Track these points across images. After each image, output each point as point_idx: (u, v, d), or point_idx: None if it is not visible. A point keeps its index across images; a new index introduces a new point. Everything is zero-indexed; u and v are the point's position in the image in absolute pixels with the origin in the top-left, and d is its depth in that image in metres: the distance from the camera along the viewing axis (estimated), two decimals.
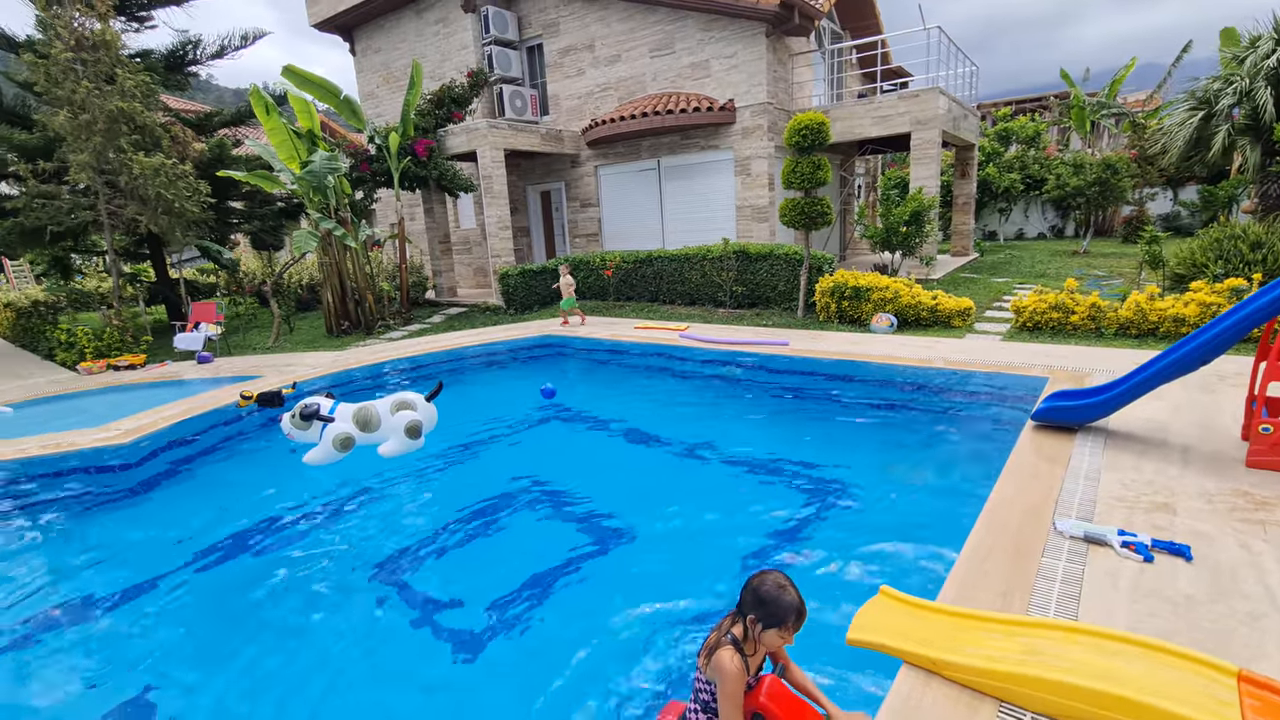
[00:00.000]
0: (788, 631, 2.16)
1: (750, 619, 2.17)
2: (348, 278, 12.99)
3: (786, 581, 2.19)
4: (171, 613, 4.05)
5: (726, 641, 2.17)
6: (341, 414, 4.35)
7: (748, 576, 2.25)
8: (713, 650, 2.18)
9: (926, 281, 11.67)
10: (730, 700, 2.12)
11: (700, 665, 2.26)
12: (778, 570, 2.25)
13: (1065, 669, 2.11)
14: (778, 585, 2.17)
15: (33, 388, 9.69)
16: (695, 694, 2.31)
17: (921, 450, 5.93)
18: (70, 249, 14.57)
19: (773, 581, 2.18)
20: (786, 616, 2.13)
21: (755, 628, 2.16)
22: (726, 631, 2.21)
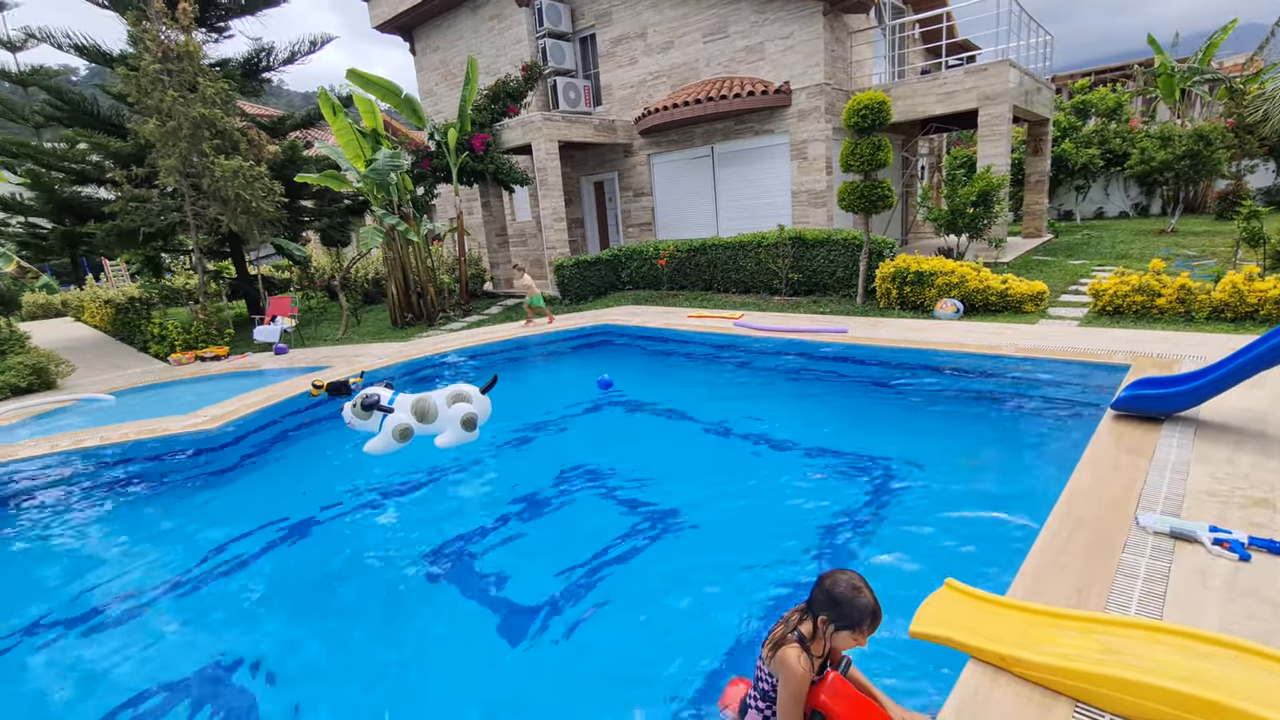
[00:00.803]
0: (862, 635, 2.11)
1: (822, 619, 2.12)
2: (410, 271, 13.44)
3: (862, 583, 2.13)
4: (253, 585, 4.32)
5: (793, 639, 2.13)
6: (400, 405, 4.47)
7: (818, 572, 2.22)
8: (778, 645, 2.14)
9: (996, 265, 11.14)
10: (793, 698, 2.08)
11: (764, 656, 2.23)
12: (852, 570, 2.18)
13: (1149, 669, 2.00)
14: (852, 586, 2.10)
15: (131, 377, 10.47)
16: (756, 681, 2.31)
17: (989, 440, 5.69)
18: (160, 249, 15.60)
19: (847, 582, 2.11)
20: (861, 620, 2.07)
21: (827, 628, 2.11)
22: (794, 628, 2.17)
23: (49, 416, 8.37)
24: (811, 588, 2.21)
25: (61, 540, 5.28)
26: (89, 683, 3.46)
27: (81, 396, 8.96)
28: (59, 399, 8.91)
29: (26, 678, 3.55)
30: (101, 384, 10.07)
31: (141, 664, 3.58)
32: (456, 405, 4.54)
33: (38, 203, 14.31)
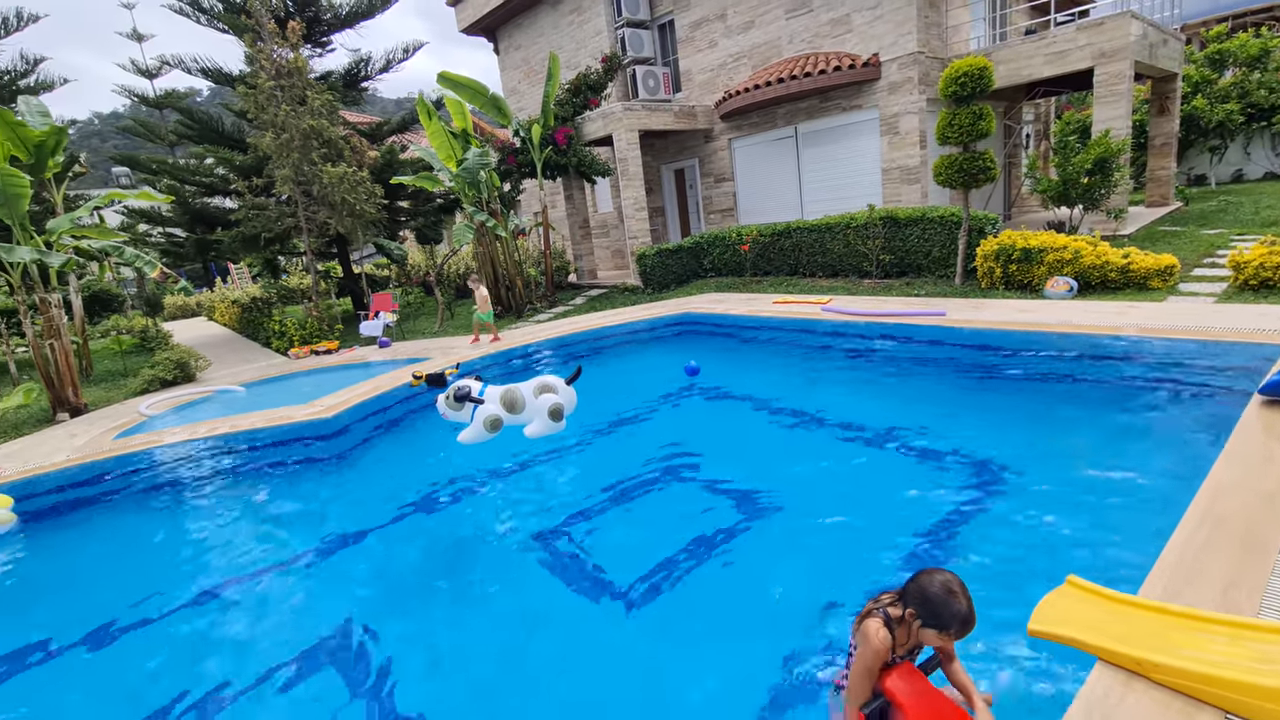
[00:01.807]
0: (948, 637, 2.07)
1: (909, 611, 2.11)
2: (499, 265, 13.93)
3: (959, 586, 2.07)
4: (364, 561, 4.67)
5: (878, 614, 2.15)
6: (490, 396, 4.58)
7: (915, 565, 2.18)
8: (865, 617, 2.19)
9: (1115, 238, 10.19)
10: (864, 669, 2.11)
11: (854, 630, 2.28)
12: (952, 573, 2.13)
13: None
14: (947, 589, 2.06)
15: (257, 370, 11.50)
16: (848, 658, 2.35)
17: (1111, 430, 5.24)
18: (277, 252, 16.97)
19: (942, 583, 2.07)
20: (949, 624, 2.04)
21: (913, 621, 2.10)
22: (883, 607, 2.19)
23: (190, 406, 9.33)
24: (909, 578, 2.19)
25: (202, 517, 5.89)
26: (218, 647, 3.86)
27: (217, 388, 9.93)
28: (199, 390, 9.92)
29: (169, 642, 4.00)
30: (233, 376, 11.11)
31: (271, 631, 3.95)
32: (543, 396, 4.61)
33: (175, 214, 15.93)
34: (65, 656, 3.92)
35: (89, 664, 3.84)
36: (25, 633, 4.21)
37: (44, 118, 10.22)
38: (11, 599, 4.86)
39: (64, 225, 9.32)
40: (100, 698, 3.54)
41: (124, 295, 21.91)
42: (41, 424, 9.00)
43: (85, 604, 4.51)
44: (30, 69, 13.25)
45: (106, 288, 19.92)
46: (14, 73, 13.09)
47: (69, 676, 3.75)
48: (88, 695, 3.57)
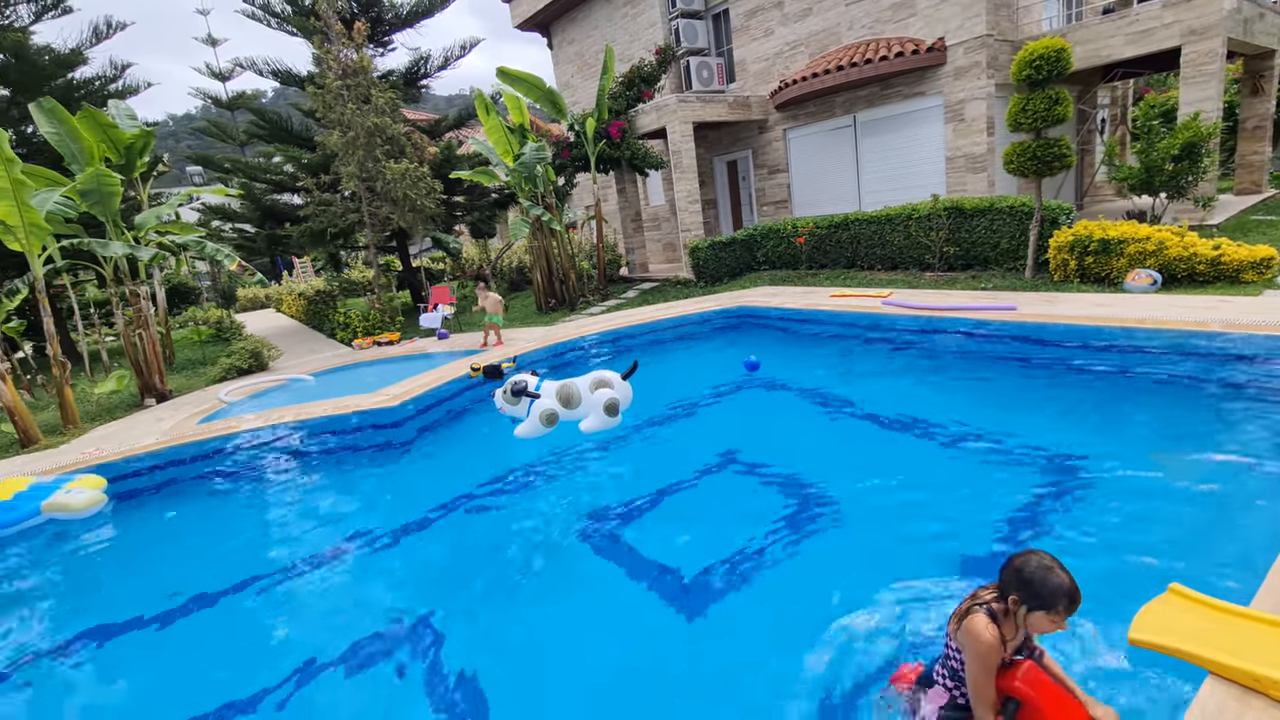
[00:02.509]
0: (1059, 617, 1.99)
1: (1012, 599, 2.04)
2: (553, 259, 14.10)
3: (1054, 562, 2.02)
4: (428, 547, 4.82)
5: (980, 609, 2.08)
6: (546, 390, 4.60)
7: (993, 567, 2.12)
8: (964, 616, 2.10)
9: (1202, 228, 9.58)
10: (983, 668, 2.02)
11: (950, 631, 2.20)
12: (1044, 551, 2.06)
13: None
14: (1043, 566, 2.01)
15: (324, 360, 11.98)
16: (945, 660, 2.26)
17: (1204, 432, 4.94)
18: (341, 246, 17.63)
19: (1037, 561, 2.02)
20: (1056, 600, 1.97)
21: (1019, 609, 2.02)
22: (982, 602, 2.11)
23: (265, 394, 9.80)
24: (1003, 567, 2.13)
25: (276, 499, 6.19)
26: (285, 625, 4.04)
27: (289, 377, 10.40)
28: (272, 379, 10.41)
29: (241, 618, 4.21)
30: (302, 366, 11.61)
31: (335, 612, 4.10)
32: (599, 391, 4.60)
33: (246, 210, 16.72)
34: (146, 630, 4.17)
35: (168, 636, 4.06)
36: (119, 603, 4.52)
37: (132, 121, 10.87)
38: (107, 572, 5.22)
39: (150, 221, 9.90)
40: (178, 669, 3.74)
41: (199, 288, 23.19)
42: (131, 408, 9.61)
43: (170, 578, 4.77)
44: (118, 74, 14.09)
45: (184, 281, 21.11)
46: (104, 78, 13.95)
47: (149, 648, 3.98)
48: (164, 668, 3.78)
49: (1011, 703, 2.06)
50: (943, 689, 2.25)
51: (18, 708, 3.48)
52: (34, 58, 12.40)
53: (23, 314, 12.76)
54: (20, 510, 5.69)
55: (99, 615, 4.41)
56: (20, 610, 4.58)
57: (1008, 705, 2.05)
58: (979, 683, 2.04)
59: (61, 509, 5.74)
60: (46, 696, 3.57)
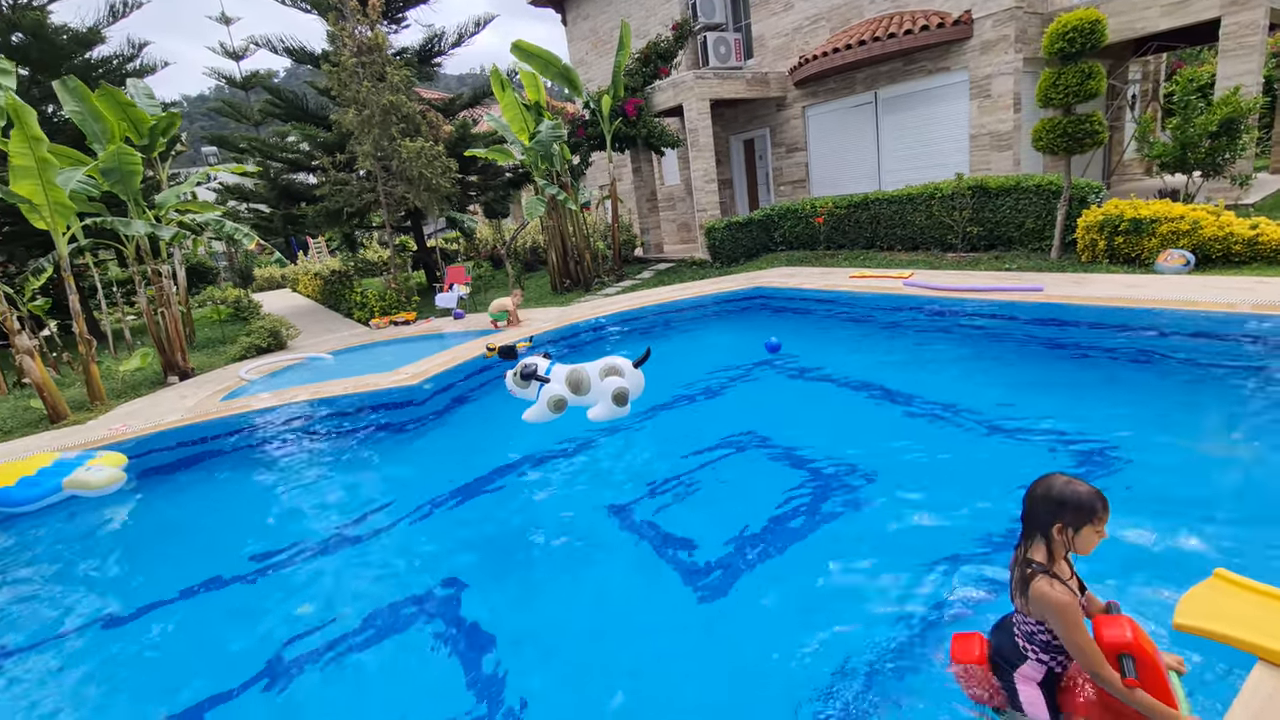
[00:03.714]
0: (1100, 524, 2.01)
1: (1056, 528, 2.03)
2: (568, 239, 14.01)
3: (1069, 477, 2.05)
4: (445, 525, 4.84)
5: (1033, 572, 2.05)
6: (556, 375, 4.38)
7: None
8: (1025, 585, 2.06)
9: (1237, 207, 9.30)
10: (1074, 627, 1.97)
11: (1020, 609, 2.14)
12: (1052, 473, 2.10)
13: None
14: (1066, 483, 2.03)
15: (341, 340, 12.05)
16: (1028, 636, 2.18)
17: (1238, 415, 4.83)
18: (356, 226, 17.63)
19: (1058, 481, 2.05)
20: (1094, 505, 1.98)
21: (1066, 534, 2.02)
22: (1028, 564, 2.09)
23: (285, 372, 9.88)
24: (1025, 510, 2.13)
25: (297, 476, 6.23)
26: (304, 599, 4.08)
27: (308, 355, 10.47)
28: (291, 358, 10.48)
29: (262, 592, 4.26)
30: (320, 345, 11.69)
31: (353, 587, 4.14)
32: (609, 379, 4.35)
33: (262, 190, 16.75)
34: (174, 604, 4.24)
35: (194, 609, 4.13)
36: (147, 576, 4.60)
37: (150, 100, 10.87)
38: (134, 546, 5.31)
39: (171, 200, 9.94)
40: (199, 643, 3.79)
41: (216, 268, 23.37)
42: (155, 386, 9.73)
43: (196, 553, 4.85)
44: (136, 53, 14.08)
45: (202, 261, 21.27)
46: (122, 56, 13.94)
47: (174, 622, 4.04)
48: (186, 642, 3.83)
49: (1128, 660, 1.96)
50: (1036, 663, 2.17)
51: (34, 685, 3.54)
52: (52, 36, 12.40)
53: (46, 293, 12.92)
54: (43, 486, 5.77)
55: (123, 589, 4.49)
56: (44, 585, 4.67)
57: (1124, 663, 1.95)
58: (1079, 643, 1.97)
59: (82, 486, 5.81)
60: (66, 672, 3.63)
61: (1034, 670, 2.17)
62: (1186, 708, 2.03)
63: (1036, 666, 2.17)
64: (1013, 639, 2.24)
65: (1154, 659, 2.01)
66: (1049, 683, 2.16)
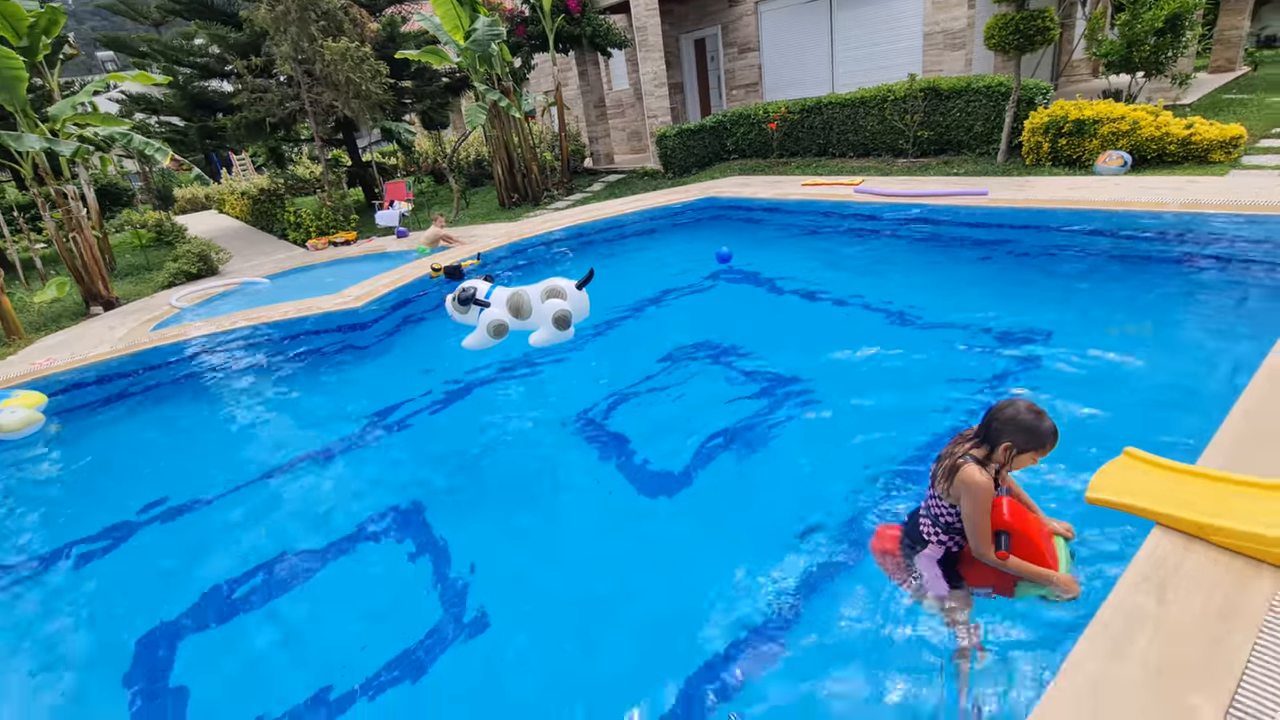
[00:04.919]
0: (1042, 455, 2.21)
1: (1005, 446, 2.19)
2: (513, 150, 13.36)
3: (1040, 408, 2.21)
4: (398, 449, 4.84)
5: (966, 460, 2.24)
6: (497, 299, 4.18)
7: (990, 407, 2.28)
8: (953, 471, 2.25)
9: (1176, 107, 9.47)
10: (982, 509, 2.21)
11: (939, 490, 2.34)
12: (1022, 399, 2.24)
13: None
14: (1034, 411, 2.19)
15: (278, 263, 11.45)
16: (933, 518, 2.41)
17: (1162, 310, 5.11)
18: (282, 139, 16.36)
19: (1027, 408, 2.20)
20: (1046, 440, 2.17)
21: (1010, 452, 2.19)
22: (963, 455, 2.26)
23: (220, 298, 9.40)
24: (986, 419, 2.28)
25: (242, 405, 6.06)
26: (254, 532, 4.06)
27: (243, 280, 9.95)
28: (225, 283, 9.94)
29: (210, 527, 4.22)
30: (255, 269, 11.09)
31: (304, 516, 4.13)
32: (550, 301, 4.14)
33: (172, 99, 15.24)
34: (123, 539, 4.18)
35: (132, 550, 4.05)
36: (84, 517, 4.48)
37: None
38: (68, 486, 5.14)
39: (66, 111, 8.96)
40: (146, 582, 3.74)
41: (131, 189, 21.53)
42: (78, 317, 9.15)
43: (130, 491, 4.67)
44: None
45: (113, 181, 19.53)
46: None
47: (114, 563, 3.98)
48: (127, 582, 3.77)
49: (1004, 536, 2.28)
50: (937, 544, 2.41)
51: None
52: None
53: None
54: None
55: (68, 528, 4.39)
56: None
57: (1000, 538, 2.27)
58: (979, 524, 2.22)
59: None
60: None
61: (934, 551, 2.42)
62: (1066, 566, 2.33)
63: (936, 549, 2.41)
64: (918, 527, 2.47)
65: (1033, 532, 2.28)
66: (946, 561, 2.42)
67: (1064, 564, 2.32)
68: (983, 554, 2.27)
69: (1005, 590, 2.38)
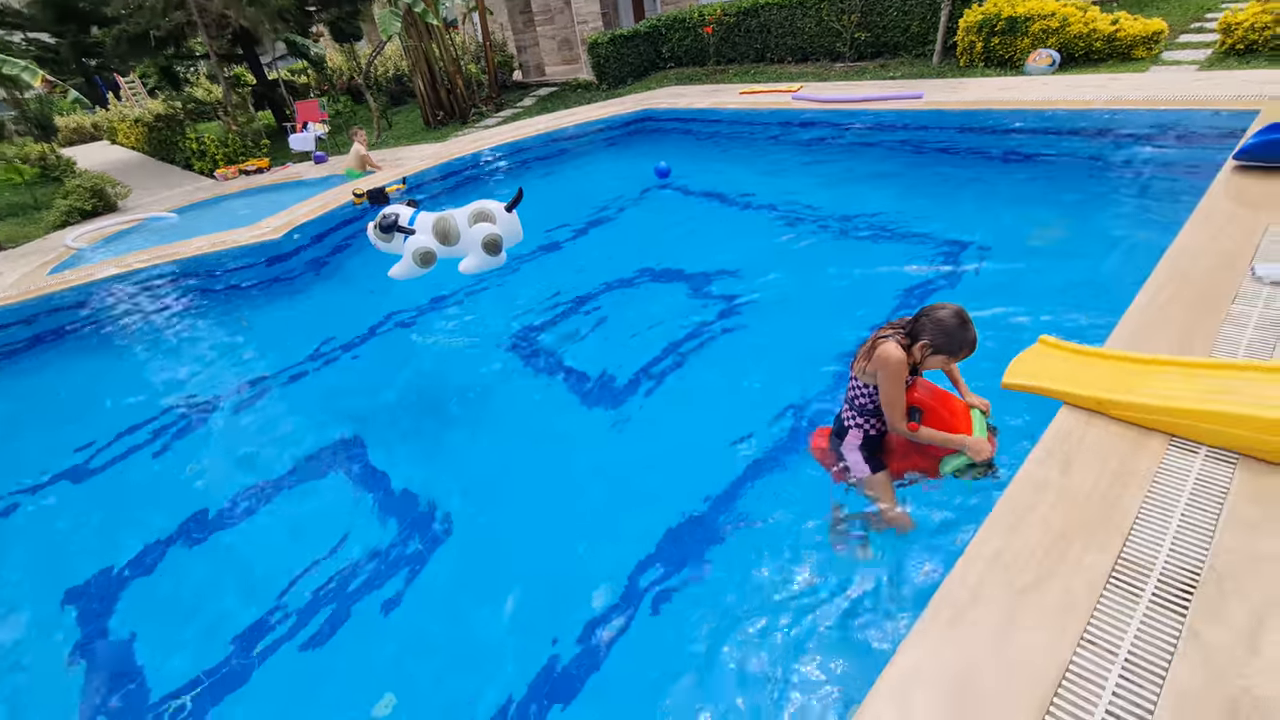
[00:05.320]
0: (953, 360, 2.27)
1: (923, 344, 2.24)
2: (434, 63, 12.43)
3: (968, 316, 2.24)
4: (333, 381, 4.70)
5: (890, 338, 2.29)
6: (421, 224, 3.95)
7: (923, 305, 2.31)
8: (872, 348, 2.32)
9: (1104, 3, 9.49)
10: (896, 383, 2.29)
11: (857, 371, 2.42)
12: (956, 304, 2.26)
13: (1255, 405, 1.99)
14: (959, 318, 2.22)
15: (184, 195, 10.56)
16: (850, 401, 2.52)
17: (1083, 206, 5.29)
18: (173, 56, 14.72)
19: (954, 313, 2.22)
20: (959, 348, 2.22)
21: (925, 350, 2.24)
22: (886, 336, 2.32)
23: (121, 236, 8.66)
24: (917, 314, 2.32)
25: (158, 348, 5.71)
26: (185, 477, 3.93)
27: (147, 215, 9.15)
28: (125, 219, 9.14)
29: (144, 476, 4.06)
30: (159, 203, 10.21)
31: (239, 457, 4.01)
32: (479, 225, 3.91)
33: (35, 12, 13.39)
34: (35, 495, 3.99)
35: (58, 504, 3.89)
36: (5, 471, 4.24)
37: None
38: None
39: None
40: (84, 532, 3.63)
41: (1, 119, 19.15)
42: None
43: (47, 446, 4.43)
44: None
45: None
46: None
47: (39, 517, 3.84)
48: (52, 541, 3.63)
49: (915, 411, 2.42)
50: (856, 429, 2.52)
51: None
52: None
53: None
54: None
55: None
56: None
57: (913, 413, 2.42)
58: (893, 398, 2.32)
59: None
60: None
61: (855, 437, 2.53)
62: (980, 434, 2.44)
63: (856, 434, 2.52)
64: (841, 418, 2.58)
65: (945, 407, 2.43)
66: (868, 444, 2.53)
67: (978, 432, 2.43)
68: (896, 426, 2.39)
69: (930, 473, 2.53)
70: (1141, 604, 1.61)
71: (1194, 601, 1.59)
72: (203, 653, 2.67)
